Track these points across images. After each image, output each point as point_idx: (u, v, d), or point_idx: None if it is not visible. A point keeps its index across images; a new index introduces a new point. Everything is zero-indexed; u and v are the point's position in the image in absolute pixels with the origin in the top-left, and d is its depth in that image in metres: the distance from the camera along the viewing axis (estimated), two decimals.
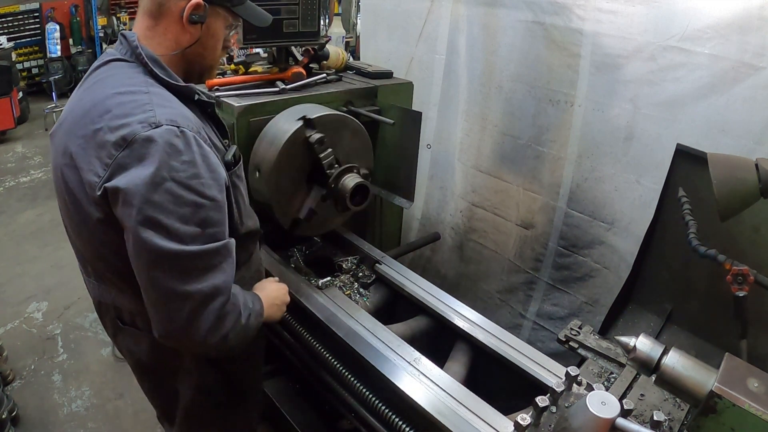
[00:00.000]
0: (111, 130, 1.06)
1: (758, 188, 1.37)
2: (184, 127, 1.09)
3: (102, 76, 1.19)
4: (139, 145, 1.04)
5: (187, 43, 1.23)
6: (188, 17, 1.19)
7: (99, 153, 1.07)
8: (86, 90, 1.20)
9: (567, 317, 2.45)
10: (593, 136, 2.24)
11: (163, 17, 1.20)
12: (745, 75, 1.78)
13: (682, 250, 1.77)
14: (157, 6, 1.19)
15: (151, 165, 1.03)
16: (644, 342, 1.19)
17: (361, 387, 1.55)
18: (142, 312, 1.21)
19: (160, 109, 1.09)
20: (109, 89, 1.14)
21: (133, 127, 1.05)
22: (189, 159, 1.06)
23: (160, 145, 1.04)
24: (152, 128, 1.05)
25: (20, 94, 6.50)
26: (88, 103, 1.14)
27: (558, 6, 2.19)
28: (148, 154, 1.03)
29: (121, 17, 7.94)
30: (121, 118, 1.07)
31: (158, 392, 1.50)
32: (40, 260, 3.83)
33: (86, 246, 1.25)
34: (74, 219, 1.20)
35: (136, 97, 1.11)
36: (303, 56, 2.19)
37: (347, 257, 2.06)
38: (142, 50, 1.19)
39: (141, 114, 1.07)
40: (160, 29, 1.21)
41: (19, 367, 2.87)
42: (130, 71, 1.18)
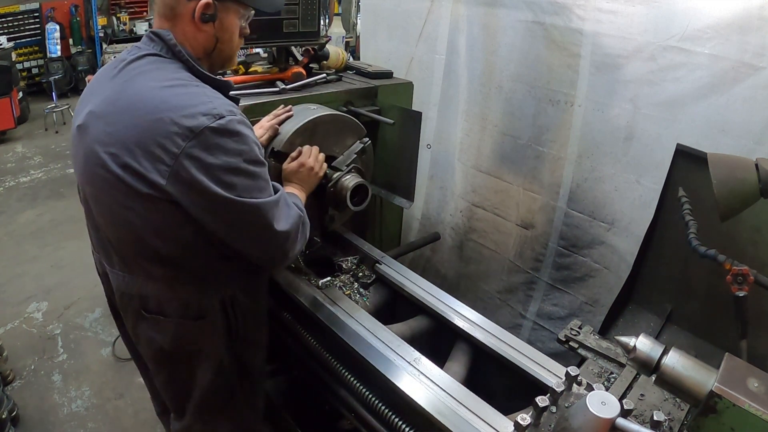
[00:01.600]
0: (174, 122, 1.12)
1: (758, 188, 1.37)
2: (239, 114, 1.20)
3: (141, 69, 1.22)
4: (206, 136, 1.12)
5: (208, 44, 1.29)
6: (200, 17, 1.23)
7: (164, 142, 1.12)
8: (126, 82, 1.22)
9: (567, 317, 2.45)
10: (593, 136, 2.24)
11: (177, 20, 1.25)
12: (745, 75, 1.78)
13: (682, 250, 1.77)
14: (168, 9, 1.24)
15: (222, 154, 1.14)
16: (644, 342, 1.18)
17: (361, 387, 1.55)
18: (170, 297, 1.33)
19: (217, 100, 1.18)
20: (156, 82, 1.19)
21: (198, 120, 1.12)
22: (253, 140, 1.21)
23: (228, 135, 1.14)
24: (217, 119, 1.13)
25: (20, 94, 6.51)
26: (134, 96, 1.18)
27: (558, 6, 2.19)
28: (219, 144, 1.13)
29: (121, 17, 7.95)
30: (182, 109, 1.13)
31: (174, 381, 1.51)
32: (40, 260, 3.83)
33: (122, 234, 1.28)
34: (113, 206, 1.23)
35: (189, 90, 1.19)
36: (303, 56, 2.19)
37: (347, 257, 2.06)
38: (182, 47, 1.24)
39: (202, 106, 1.14)
40: (179, 31, 1.26)
41: (19, 367, 2.87)
42: (171, 66, 1.23)
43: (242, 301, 1.44)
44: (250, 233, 1.25)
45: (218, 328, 1.41)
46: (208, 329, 1.39)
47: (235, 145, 1.16)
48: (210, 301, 1.37)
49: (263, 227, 1.24)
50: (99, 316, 3.28)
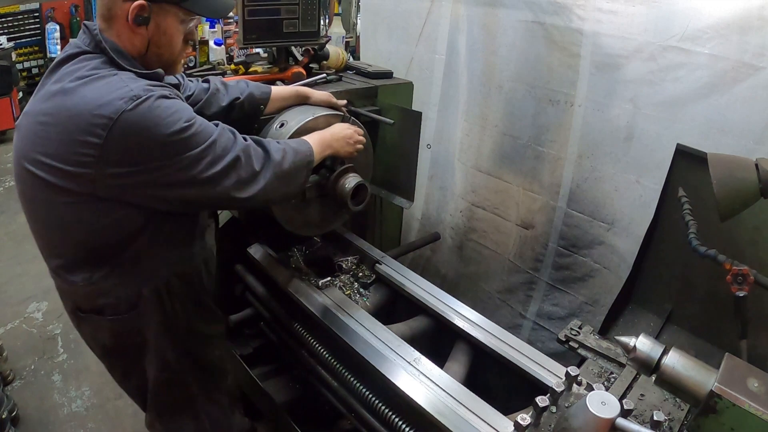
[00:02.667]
0: (92, 113, 1.11)
1: (758, 188, 1.37)
2: (158, 90, 1.17)
3: (67, 69, 1.22)
4: (125, 119, 1.10)
5: (142, 46, 1.26)
6: (133, 18, 1.21)
7: (85, 137, 1.11)
8: (54, 83, 1.21)
9: (567, 317, 2.45)
10: (593, 136, 2.24)
11: (113, 20, 1.23)
12: (745, 75, 1.78)
13: (682, 250, 1.77)
14: (106, 10, 1.23)
15: (147, 135, 1.13)
16: (644, 342, 1.19)
17: (361, 387, 1.55)
18: (98, 295, 1.31)
19: (132, 83, 1.16)
20: (76, 81, 1.17)
21: (116, 105, 1.11)
22: (175, 108, 1.18)
23: (147, 111, 1.12)
24: (134, 101, 1.12)
25: (20, 94, 6.49)
26: (57, 96, 1.17)
27: (558, 6, 2.19)
28: (139, 123, 1.12)
29: None
30: (98, 100, 1.12)
31: (130, 377, 1.50)
32: (40, 260, 3.72)
33: (52, 234, 1.29)
34: (41, 206, 1.25)
35: (105, 80, 1.17)
36: (303, 56, 2.18)
37: (347, 257, 2.07)
38: (105, 42, 1.22)
39: (117, 91, 1.13)
40: (114, 32, 1.24)
41: (19, 367, 2.87)
42: (94, 62, 1.21)
43: (179, 289, 1.41)
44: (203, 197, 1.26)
45: (154, 319, 1.38)
46: (144, 320, 1.37)
47: (156, 119, 1.14)
48: (140, 291, 1.34)
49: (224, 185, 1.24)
50: None
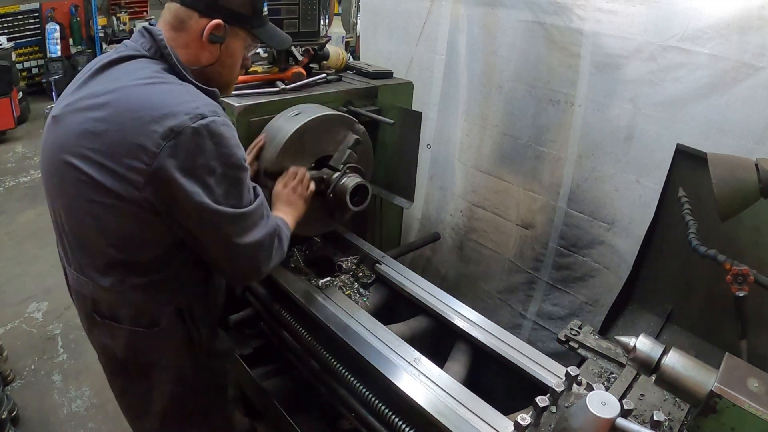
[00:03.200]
0: (155, 120, 1.10)
1: (758, 188, 1.37)
2: (223, 115, 1.18)
3: (127, 69, 1.20)
4: (187, 137, 1.10)
5: (207, 62, 1.28)
6: (208, 36, 1.23)
7: (144, 141, 1.09)
8: (108, 80, 1.19)
9: (567, 317, 2.45)
10: (593, 136, 2.24)
11: (184, 32, 1.24)
12: (745, 75, 1.78)
13: (682, 250, 1.77)
14: (178, 21, 1.23)
15: (202, 156, 1.12)
16: (644, 342, 1.19)
17: (361, 387, 1.55)
18: (121, 304, 1.28)
19: (200, 100, 1.16)
20: (138, 80, 1.16)
21: (180, 119, 1.10)
22: (234, 143, 1.19)
23: (209, 137, 1.12)
24: (199, 119, 1.11)
25: (20, 94, 6.49)
26: (115, 93, 1.15)
27: (558, 6, 2.19)
28: (201, 146, 1.11)
29: (121, 17, 7.94)
30: (165, 107, 1.11)
31: (129, 391, 1.47)
32: (40, 260, 3.83)
33: (81, 233, 1.25)
34: (78, 201, 1.19)
35: (172, 87, 1.17)
36: (303, 56, 2.18)
37: (347, 257, 2.07)
38: (171, 51, 1.22)
39: (184, 105, 1.12)
40: (181, 43, 1.25)
41: (19, 367, 2.87)
42: (156, 67, 1.21)
43: (199, 312, 1.40)
44: (220, 241, 1.22)
45: (177, 338, 1.37)
46: (164, 338, 1.34)
47: (216, 148, 1.13)
48: (164, 310, 1.32)
49: (235, 235, 1.21)
50: None
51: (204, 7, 1.22)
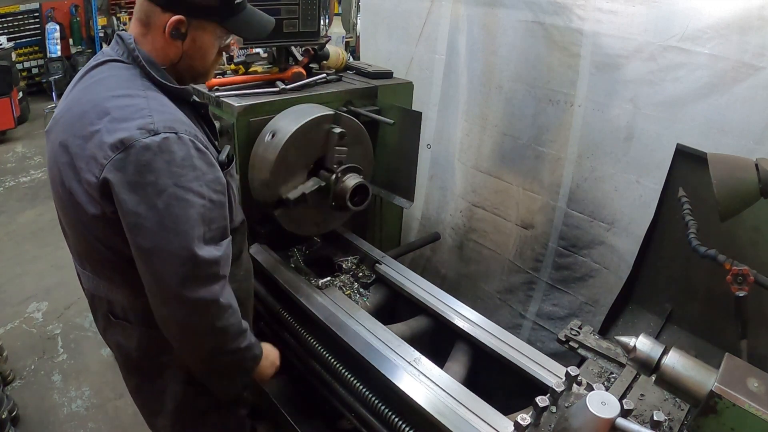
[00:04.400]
0: (109, 132, 1.08)
1: (758, 188, 1.37)
2: (182, 133, 1.11)
3: (99, 76, 1.20)
4: (137, 151, 1.06)
5: (175, 57, 1.24)
6: (170, 32, 1.19)
7: (96, 153, 1.08)
8: (83, 89, 1.21)
9: (567, 317, 2.45)
10: (593, 136, 2.24)
11: (150, 27, 1.21)
12: (745, 75, 1.78)
13: (682, 250, 1.77)
14: (145, 17, 1.21)
15: (151, 173, 1.06)
16: (644, 342, 1.19)
17: (361, 387, 1.55)
18: (134, 306, 1.29)
19: (158, 115, 1.11)
20: (107, 91, 1.15)
21: (131, 132, 1.07)
22: (192, 167, 1.11)
23: (159, 154, 1.07)
24: (151, 135, 1.07)
25: (20, 94, 6.49)
26: (86, 104, 1.15)
27: (558, 6, 2.19)
28: (148, 162, 1.06)
29: (121, 17, 7.94)
30: (120, 121, 1.09)
31: (143, 390, 1.48)
32: (40, 260, 3.83)
33: (81, 240, 1.26)
34: (69, 214, 1.22)
35: (134, 101, 1.13)
36: (303, 56, 2.19)
37: (347, 257, 2.07)
38: (139, 52, 1.20)
39: (139, 119, 1.09)
40: (149, 38, 1.22)
41: (19, 367, 2.87)
42: (126, 73, 1.19)
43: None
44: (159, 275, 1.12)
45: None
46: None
47: (167, 166, 1.07)
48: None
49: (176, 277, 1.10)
50: None
51: (165, 1, 1.17)
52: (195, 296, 1.12)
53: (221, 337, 1.23)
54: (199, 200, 1.12)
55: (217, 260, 1.15)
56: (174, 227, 1.08)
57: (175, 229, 1.08)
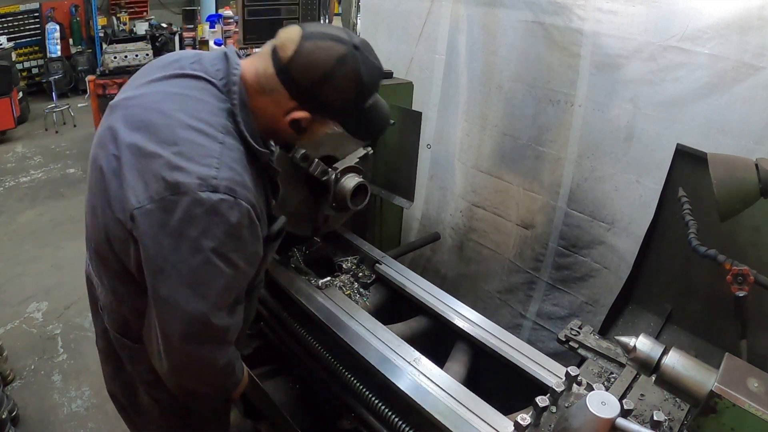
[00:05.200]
0: (170, 167, 1.02)
1: (758, 188, 1.38)
2: (241, 198, 1.05)
3: (186, 91, 1.13)
4: (189, 201, 1.01)
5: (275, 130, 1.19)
6: (289, 123, 1.15)
7: (149, 180, 1.03)
8: (165, 95, 1.13)
9: (567, 317, 2.45)
10: (593, 136, 2.24)
11: (268, 95, 1.14)
12: (745, 75, 1.78)
13: (682, 250, 1.77)
14: (268, 86, 1.13)
15: (194, 228, 1.01)
16: (644, 342, 1.19)
17: (361, 387, 1.55)
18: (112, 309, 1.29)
19: (224, 171, 1.04)
20: (186, 115, 1.08)
21: (191, 179, 1.01)
22: (237, 236, 1.06)
23: (210, 214, 1.02)
24: (209, 191, 1.01)
25: (20, 94, 6.49)
26: (157, 114, 1.09)
27: (558, 6, 2.19)
28: (196, 218, 1.01)
29: (121, 17, 7.94)
30: (185, 159, 1.03)
31: (117, 378, 1.47)
32: (40, 260, 3.83)
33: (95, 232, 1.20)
34: (97, 195, 1.16)
35: (208, 142, 1.06)
36: None
37: (347, 257, 2.06)
38: (239, 90, 1.12)
39: (205, 167, 1.03)
40: (261, 100, 1.14)
41: (19, 367, 2.87)
42: (214, 104, 1.11)
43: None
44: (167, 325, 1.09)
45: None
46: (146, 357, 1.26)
47: (212, 228, 1.02)
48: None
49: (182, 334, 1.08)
50: None
51: (297, 93, 1.11)
52: (195, 353, 1.11)
53: (212, 386, 1.26)
54: (232, 271, 1.07)
55: (227, 327, 1.13)
56: (197, 289, 1.05)
57: (197, 291, 1.05)
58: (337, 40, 1.10)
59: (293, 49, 1.08)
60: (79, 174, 5.41)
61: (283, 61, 1.09)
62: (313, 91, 1.10)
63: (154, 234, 1.03)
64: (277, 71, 1.10)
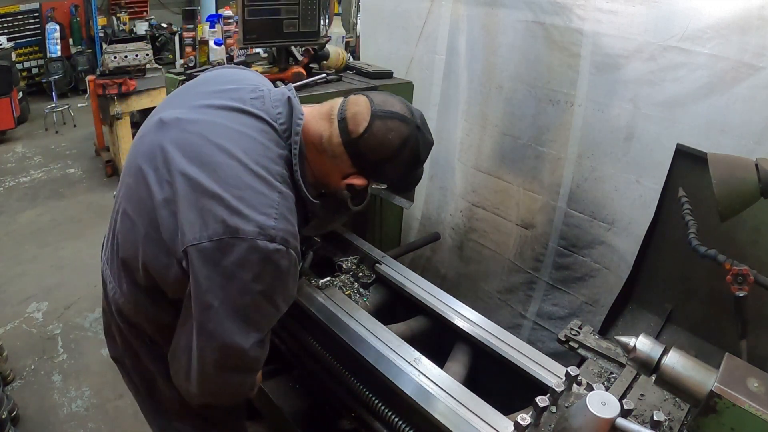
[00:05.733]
0: (230, 211, 1.06)
1: (758, 188, 1.38)
2: (292, 249, 1.12)
3: (247, 131, 1.16)
4: (246, 247, 1.06)
5: (333, 189, 1.27)
6: (346, 186, 1.24)
7: (207, 218, 1.06)
8: (231, 132, 1.15)
9: (567, 317, 2.45)
10: (593, 136, 2.24)
11: (327, 155, 1.21)
12: (745, 75, 1.78)
13: (682, 250, 1.77)
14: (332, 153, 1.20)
15: (248, 273, 1.06)
16: (644, 342, 1.19)
17: (361, 387, 1.55)
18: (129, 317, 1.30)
19: (281, 222, 1.10)
20: (250, 158, 1.12)
21: (250, 227, 1.06)
22: (283, 282, 1.13)
23: (264, 261, 1.07)
24: (266, 240, 1.07)
25: (20, 94, 6.49)
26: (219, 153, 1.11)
27: (558, 6, 2.19)
28: (250, 263, 1.06)
29: (121, 17, 7.94)
30: (247, 206, 1.07)
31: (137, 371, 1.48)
32: (40, 260, 3.83)
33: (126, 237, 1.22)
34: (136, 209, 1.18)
35: (269, 192, 1.11)
36: (303, 56, 2.19)
37: (347, 257, 2.06)
38: (300, 142, 1.18)
39: (263, 217, 1.08)
40: (320, 160, 1.22)
41: (19, 367, 2.87)
42: (275, 150, 1.16)
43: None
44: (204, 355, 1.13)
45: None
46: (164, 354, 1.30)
47: (264, 274, 1.08)
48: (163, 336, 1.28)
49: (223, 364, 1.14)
50: (99, 316, 3.26)
51: (360, 165, 1.21)
52: (228, 380, 1.18)
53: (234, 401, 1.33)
54: (274, 310, 1.15)
55: (258, 358, 1.19)
56: (241, 326, 1.10)
57: (240, 328, 1.10)
58: (403, 120, 1.20)
59: (364, 127, 1.17)
60: (80, 174, 5.41)
61: (353, 135, 1.18)
62: (377, 167, 1.22)
63: (208, 272, 1.07)
64: (344, 143, 1.19)
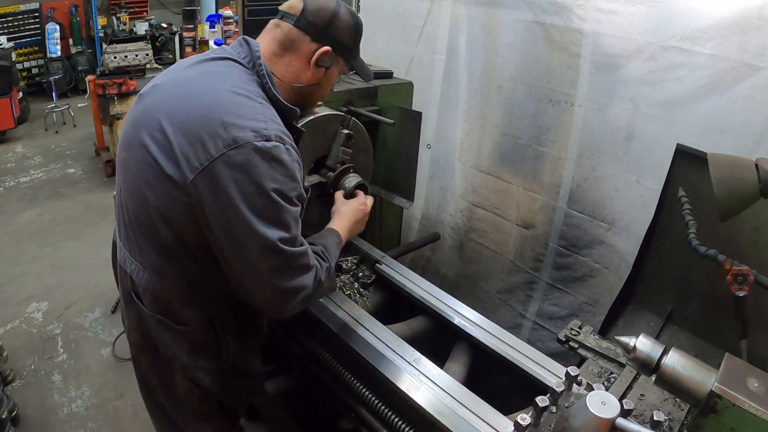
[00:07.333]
0: (225, 126, 1.14)
1: (758, 188, 1.38)
2: (289, 145, 1.20)
3: (218, 69, 1.28)
4: (248, 151, 1.13)
5: (308, 82, 1.35)
6: (316, 61, 1.32)
7: (206, 141, 1.13)
8: (200, 74, 1.27)
9: (567, 317, 2.45)
10: (593, 136, 2.24)
11: (291, 51, 1.32)
12: (745, 75, 1.78)
13: (682, 250, 1.77)
14: (289, 41, 1.31)
15: (257, 174, 1.13)
16: (644, 342, 1.19)
17: (361, 387, 1.55)
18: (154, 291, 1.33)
19: (270, 123, 1.19)
20: (226, 84, 1.22)
21: (246, 133, 1.14)
22: (291, 174, 1.19)
23: (268, 159, 1.14)
24: (263, 140, 1.14)
25: (20, 94, 6.48)
26: (202, 87, 1.23)
27: (558, 6, 2.19)
28: (256, 164, 1.13)
29: (121, 17, 7.94)
30: (237, 117, 1.16)
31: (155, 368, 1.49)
32: (40, 260, 3.83)
33: (136, 205, 1.26)
34: (138, 175, 1.23)
35: (251, 103, 1.21)
36: None
37: (347, 257, 2.06)
38: (264, 64, 1.28)
39: (254, 121, 1.16)
40: (285, 60, 1.32)
41: (19, 367, 2.87)
42: (245, 77, 1.27)
43: (233, 328, 1.41)
44: (252, 266, 1.19)
45: (203, 345, 1.38)
46: (188, 339, 1.36)
47: (272, 172, 1.14)
48: (189, 313, 1.34)
49: (275, 273, 1.20)
50: (99, 316, 3.28)
51: (316, 33, 1.30)
52: (286, 285, 1.21)
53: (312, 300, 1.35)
54: (293, 207, 1.20)
55: (304, 252, 1.24)
56: (265, 224, 1.15)
57: (265, 226, 1.15)
58: None
59: (302, 5, 1.30)
60: (79, 174, 5.41)
61: (298, 13, 1.30)
62: (328, 28, 1.31)
63: (225, 189, 1.12)
64: (295, 23, 1.30)
